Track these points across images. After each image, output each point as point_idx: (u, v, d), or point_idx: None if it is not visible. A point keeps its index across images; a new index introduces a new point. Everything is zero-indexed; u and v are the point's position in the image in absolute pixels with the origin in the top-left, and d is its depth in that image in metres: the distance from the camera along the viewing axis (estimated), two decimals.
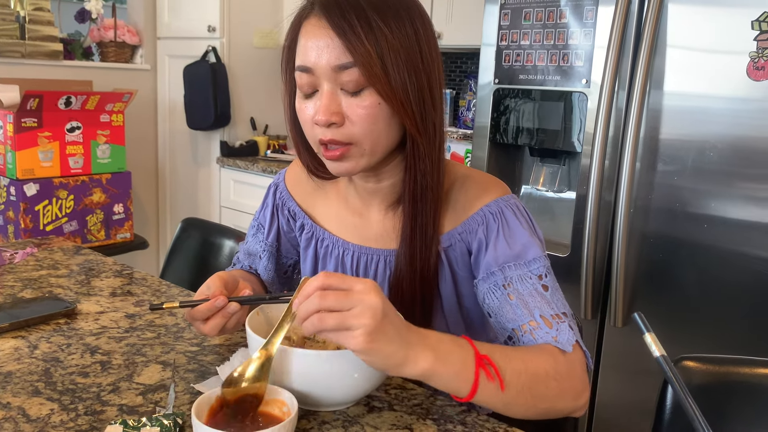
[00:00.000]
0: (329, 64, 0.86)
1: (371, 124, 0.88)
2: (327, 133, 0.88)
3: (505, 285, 0.93)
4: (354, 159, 0.90)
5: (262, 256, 1.15)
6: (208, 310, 0.89)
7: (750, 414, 1.02)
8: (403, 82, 0.86)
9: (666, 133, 1.65)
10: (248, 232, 1.19)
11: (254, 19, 3.26)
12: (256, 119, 3.35)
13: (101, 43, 3.34)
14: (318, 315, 0.72)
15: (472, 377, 0.78)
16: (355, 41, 0.84)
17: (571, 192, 1.95)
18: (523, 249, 0.94)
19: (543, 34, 1.84)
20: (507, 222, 0.95)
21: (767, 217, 1.52)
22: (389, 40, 0.85)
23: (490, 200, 0.97)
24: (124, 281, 1.34)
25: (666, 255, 1.67)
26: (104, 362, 0.96)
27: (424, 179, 0.94)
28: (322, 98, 0.87)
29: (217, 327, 0.90)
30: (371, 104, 0.87)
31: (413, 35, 0.88)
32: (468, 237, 0.97)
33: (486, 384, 0.79)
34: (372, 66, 0.84)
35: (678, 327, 1.67)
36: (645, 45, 1.63)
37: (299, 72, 0.89)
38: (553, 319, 0.90)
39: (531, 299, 0.91)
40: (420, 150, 0.92)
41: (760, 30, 1.48)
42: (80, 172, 2.78)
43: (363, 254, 1.04)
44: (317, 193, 1.11)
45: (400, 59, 0.86)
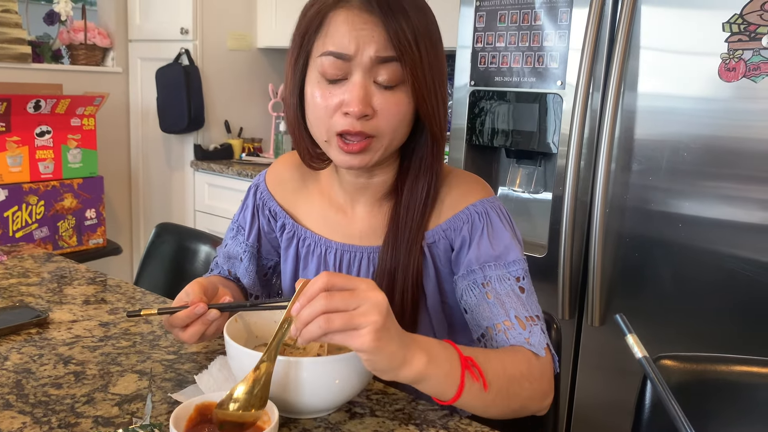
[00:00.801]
0: (372, 55, 0.85)
1: (399, 121, 0.89)
2: (356, 124, 0.87)
3: (484, 284, 0.95)
4: (371, 153, 0.90)
5: (243, 258, 1.13)
6: (188, 317, 0.87)
7: (727, 411, 1.04)
8: (434, 84, 0.89)
9: (640, 134, 1.67)
10: (227, 235, 1.18)
11: (227, 21, 3.23)
12: (230, 122, 3.32)
13: (71, 46, 3.28)
14: (324, 316, 0.70)
15: (459, 379, 0.80)
16: (402, 36, 0.85)
17: (547, 193, 1.97)
18: (504, 250, 0.96)
19: (518, 36, 1.85)
20: (491, 223, 0.97)
21: (739, 215, 1.54)
22: (427, 45, 0.88)
23: (476, 200, 0.99)
24: (97, 288, 1.31)
25: (641, 254, 1.69)
26: (78, 373, 0.94)
27: (436, 179, 0.97)
28: (354, 88, 0.86)
29: (196, 334, 0.88)
30: (401, 101, 0.88)
31: (440, 45, 0.92)
32: (452, 234, 0.99)
33: (471, 385, 0.81)
34: (416, 64, 0.86)
35: (654, 325, 1.69)
36: (619, 47, 1.65)
37: (330, 57, 0.87)
38: (527, 321, 0.92)
39: (507, 299, 0.93)
40: (437, 151, 0.95)
41: (731, 32, 1.50)
42: (51, 177, 2.72)
43: (346, 252, 1.04)
44: (299, 193, 1.10)
45: (433, 65, 0.89)
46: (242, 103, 3.38)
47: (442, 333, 1.04)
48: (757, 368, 1.06)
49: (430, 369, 0.77)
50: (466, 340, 1.07)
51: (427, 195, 0.97)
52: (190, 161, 3.20)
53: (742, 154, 1.53)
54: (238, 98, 3.36)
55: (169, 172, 3.38)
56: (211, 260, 1.62)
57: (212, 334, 0.91)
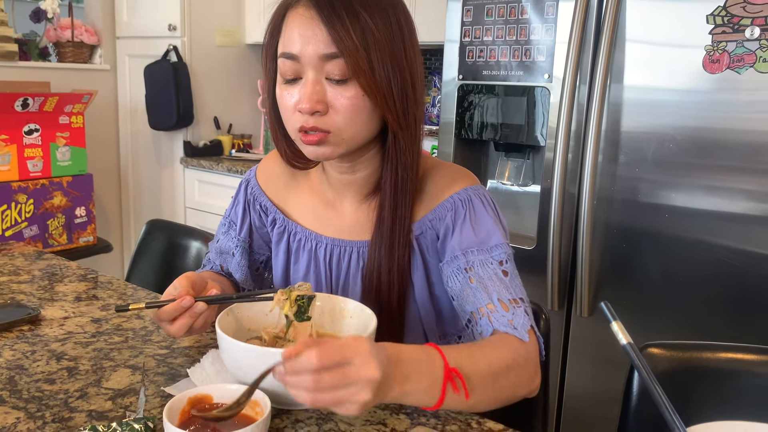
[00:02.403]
0: (316, 53, 0.88)
1: (354, 115, 0.90)
2: (309, 120, 0.89)
3: (467, 269, 0.96)
4: (332, 145, 0.92)
5: (235, 253, 1.14)
6: (175, 310, 0.88)
7: (713, 397, 1.05)
8: (387, 76, 0.89)
9: (627, 126, 1.69)
10: (218, 231, 1.18)
11: (216, 17, 3.22)
12: (219, 118, 3.31)
13: (58, 43, 3.26)
14: (312, 396, 0.70)
15: (440, 391, 0.80)
16: (342, 33, 0.86)
17: (535, 185, 1.98)
18: (486, 236, 0.97)
19: (505, 30, 1.86)
20: (474, 209, 0.98)
21: (725, 206, 1.56)
22: (375, 34, 0.88)
23: (460, 188, 1.00)
24: (88, 285, 1.31)
25: (629, 245, 1.71)
26: (71, 368, 0.94)
27: (405, 171, 0.96)
28: (306, 86, 0.89)
29: (184, 327, 0.89)
30: (355, 95, 0.89)
31: (398, 31, 0.91)
32: (437, 223, 1.00)
33: (452, 395, 0.81)
34: (358, 59, 0.87)
35: (642, 315, 1.71)
36: (605, 39, 1.66)
37: (283, 59, 0.90)
38: (510, 303, 0.93)
39: (490, 283, 0.94)
40: (401, 143, 0.95)
41: (715, 24, 1.52)
42: (40, 176, 2.71)
43: (336, 246, 1.05)
44: (290, 188, 1.11)
45: (384, 54, 0.89)
46: (231, 100, 3.37)
47: (430, 323, 1.06)
48: (742, 355, 1.08)
49: (407, 387, 0.77)
50: (454, 329, 1.08)
51: (400, 187, 0.97)
52: (179, 158, 3.20)
53: (727, 145, 1.55)
54: (227, 94, 3.35)
55: (158, 169, 3.37)
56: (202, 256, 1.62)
57: (200, 327, 0.92)
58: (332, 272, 1.07)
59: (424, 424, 0.83)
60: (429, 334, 1.07)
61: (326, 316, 0.98)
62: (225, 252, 1.16)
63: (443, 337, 1.09)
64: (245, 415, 0.77)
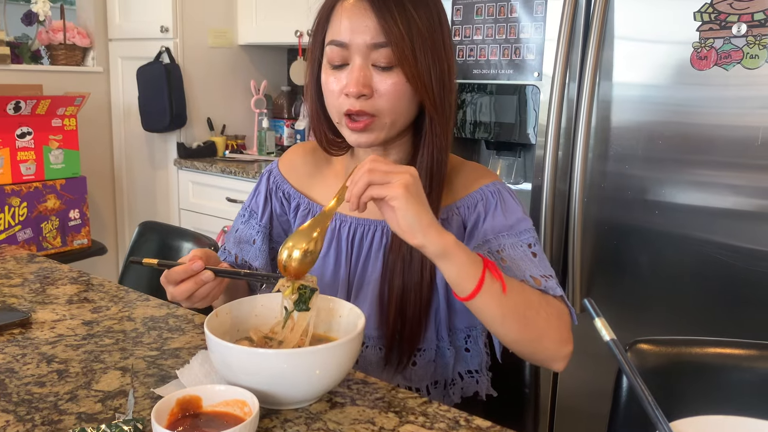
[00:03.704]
0: (365, 42, 0.95)
1: (397, 99, 0.97)
2: (356, 104, 0.96)
3: (499, 251, 1.01)
4: (376, 131, 0.99)
5: (257, 240, 1.17)
6: (184, 272, 0.93)
7: (701, 391, 1.06)
8: (428, 65, 0.96)
9: (616, 123, 1.69)
10: (236, 222, 1.21)
11: (208, 18, 3.22)
12: (213, 119, 3.31)
13: (50, 46, 3.26)
14: (368, 171, 0.83)
15: (480, 271, 0.88)
16: (391, 23, 0.94)
17: (527, 183, 1.99)
18: (516, 222, 1.03)
19: (495, 29, 1.87)
20: (504, 199, 1.05)
21: (714, 201, 1.57)
22: (419, 26, 0.95)
23: (489, 182, 1.06)
24: (80, 288, 1.32)
25: (620, 242, 1.72)
26: (61, 371, 0.95)
27: (440, 154, 1.02)
28: (353, 71, 0.96)
29: (186, 291, 0.93)
30: (399, 81, 0.96)
31: (438, 24, 0.98)
32: (466, 211, 1.05)
33: (491, 282, 0.88)
34: (404, 48, 0.94)
35: (633, 311, 1.71)
36: (594, 37, 1.67)
37: (333, 46, 0.97)
38: (542, 278, 0.99)
39: (522, 263, 1.00)
40: (437, 128, 1.00)
41: (702, 21, 1.53)
42: (33, 179, 2.71)
43: (359, 225, 1.09)
44: (313, 177, 1.16)
45: (426, 45, 0.96)
46: (224, 101, 3.37)
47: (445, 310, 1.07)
48: (730, 350, 1.09)
49: (454, 248, 0.86)
50: (464, 324, 1.09)
51: (436, 170, 1.02)
52: (173, 159, 3.20)
53: (716, 141, 1.56)
54: (221, 95, 3.36)
55: (152, 171, 3.37)
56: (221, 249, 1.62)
57: (202, 297, 0.96)
58: (353, 251, 1.10)
59: (413, 422, 0.84)
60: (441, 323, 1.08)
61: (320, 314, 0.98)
62: (244, 241, 1.18)
63: (452, 331, 1.10)
64: (233, 415, 0.78)
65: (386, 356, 1.06)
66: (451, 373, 1.11)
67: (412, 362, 1.07)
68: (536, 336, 0.94)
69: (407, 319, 1.03)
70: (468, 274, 0.87)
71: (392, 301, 1.04)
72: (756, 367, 1.06)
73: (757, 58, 1.47)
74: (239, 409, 0.78)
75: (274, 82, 3.50)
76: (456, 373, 1.11)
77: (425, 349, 1.08)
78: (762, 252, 1.52)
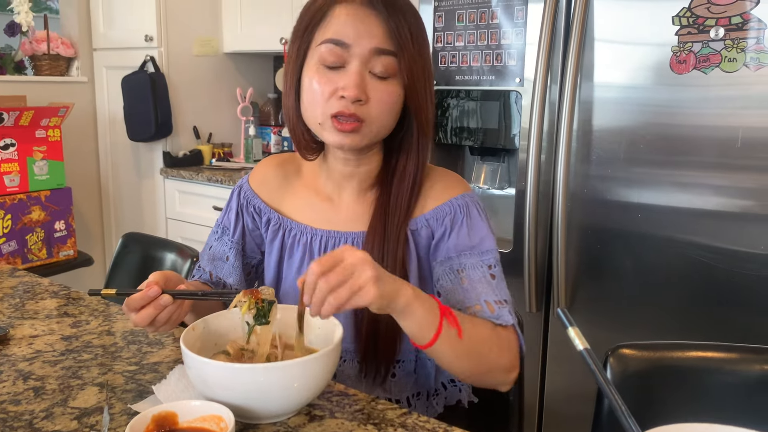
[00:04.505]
0: (372, 47, 0.93)
1: (388, 109, 0.97)
2: (350, 107, 0.94)
3: (459, 270, 1.02)
4: (360, 135, 0.97)
5: (230, 256, 1.15)
6: (141, 299, 0.91)
7: (684, 396, 1.06)
8: (424, 80, 0.97)
9: (598, 126, 1.70)
10: (209, 239, 1.20)
11: (192, 27, 3.21)
12: (199, 128, 3.30)
13: (34, 57, 3.24)
14: (333, 294, 0.80)
15: (438, 320, 0.89)
16: (404, 34, 0.94)
17: (511, 188, 1.99)
18: (480, 241, 1.03)
19: (476, 35, 1.87)
20: (470, 215, 1.04)
21: (696, 202, 1.58)
22: (421, 43, 0.96)
23: (458, 194, 1.06)
24: (60, 302, 1.31)
25: (604, 245, 1.72)
26: (37, 388, 0.94)
27: (422, 168, 1.03)
28: (352, 75, 0.93)
29: (148, 317, 0.91)
30: (393, 91, 0.96)
31: (427, 40, 1.00)
32: (435, 223, 1.05)
33: (448, 329, 0.90)
34: (411, 60, 0.94)
35: (618, 314, 1.72)
36: (574, 39, 1.67)
37: (330, 45, 0.94)
38: (496, 304, 1.00)
39: (479, 285, 1.00)
40: (424, 141, 1.02)
41: (681, 25, 1.54)
42: (17, 191, 2.69)
43: (331, 238, 1.08)
44: (284, 189, 1.14)
45: (425, 62, 0.97)
46: (210, 109, 3.36)
47: None
48: (712, 353, 1.09)
49: (414, 302, 0.87)
50: None
51: (413, 185, 1.03)
52: (159, 169, 3.18)
53: (697, 143, 1.56)
54: (206, 104, 3.34)
55: (138, 181, 3.36)
56: (178, 268, 1.62)
57: (164, 321, 0.93)
58: None
59: None
60: None
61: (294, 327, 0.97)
62: (218, 258, 1.17)
63: None
64: (209, 430, 0.77)
65: (364, 369, 1.06)
66: (434, 383, 1.11)
67: (391, 374, 1.07)
68: (486, 369, 0.98)
69: (381, 331, 1.03)
70: (427, 324, 0.89)
71: (366, 314, 1.04)
72: (738, 370, 1.06)
73: (735, 61, 1.47)
74: (215, 425, 0.78)
75: (260, 90, 3.49)
76: (439, 383, 1.11)
77: (404, 361, 1.08)
78: (744, 253, 1.53)
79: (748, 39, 1.45)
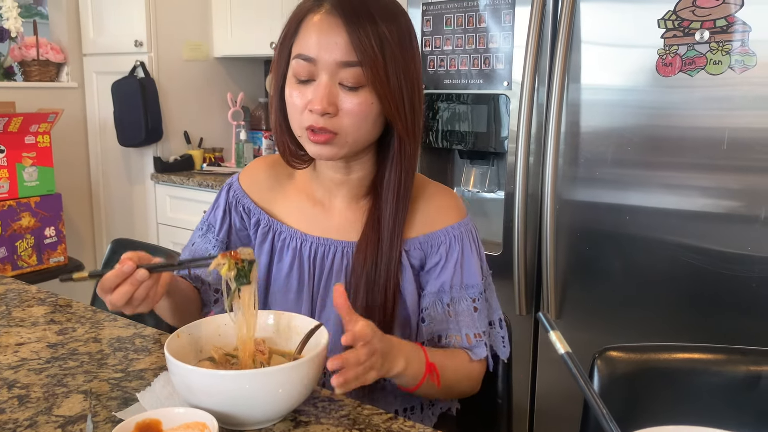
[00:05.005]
0: (335, 60, 0.93)
1: (361, 120, 0.95)
2: (319, 120, 0.94)
3: (449, 304, 1.06)
4: (337, 146, 0.97)
5: (212, 254, 1.13)
6: (116, 276, 0.89)
7: (670, 397, 1.07)
8: (400, 87, 0.95)
9: (586, 128, 1.71)
10: (194, 235, 1.18)
11: (182, 31, 3.21)
12: (190, 133, 3.30)
13: (23, 62, 3.23)
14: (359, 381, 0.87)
15: (420, 379, 0.99)
16: (366, 43, 0.92)
17: (501, 191, 1.99)
18: (468, 277, 1.07)
19: (464, 39, 1.87)
20: (464, 252, 1.06)
21: (683, 204, 1.58)
22: (392, 46, 0.94)
23: (455, 222, 1.07)
24: (47, 309, 1.30)
25: (592, 247, 1.73)
26: (22, 396, 0.93)
27: (407, 176, 1.02)
28: (319, 88, 0.93)
29: (125, 295, 0.89)
30: (365, 101, 0.94)
31: (409, 43, 0.97)
32: (429, 249, 1.06)
33: (428, 383, 1.00)
34: (378, 69, 0.92)
35: (607, 316, 1.72)
36: (561, 41, 1.68)
37: (300, 60, 0.95)
38: (475, 337, 1.07)
39: (462, 318, 1.06)
40: (407, 149, 1.00)
41: (666, 28, 1.54)
42: (6, 197, 2.68)
43: (321, 245, 1.08)
44: (275, 192, 1.13)
45: (399, 64, 0.94)
46: (201, 114, 3.36)
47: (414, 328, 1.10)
48: (699, 355, 1.09)
49: (405, 371, 0.95)
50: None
51: (397, 194, 1.02)
52: (150, 174, 3.18)
53: (684, 144, 1.57)
54: (197, 109, 3.34)
55: (129, 186, 3.35)
56: None
57: (142, 298, 0.91)
58: (315, 270, 1.08)
59: None
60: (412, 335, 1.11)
61: (280, 333, 0.97)
62: (199, 254, 1.15)
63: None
64: None
65: None
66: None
67: (381, 387, 1.07)
68: (455, 395, 1.11)
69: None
70: (411, 383, 0.99)
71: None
72: (724, 372, 1.07)
73: (720, 63, 1.48)
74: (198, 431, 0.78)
75: (251, 94, 3.49)
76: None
77: None
78: (731, 254, 1.54)
79: (733, 42, 1.46)
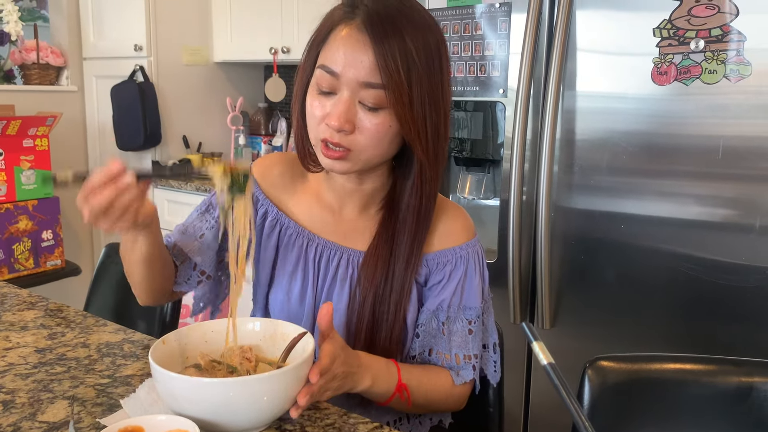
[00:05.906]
0: (358, 78, 0.90)
1: (377, 141, 0.93)
2: (335, 136, 0.92)
3: (444, 322, 1.06)
4: (350, 162, 0.95)
5: (206, 234, 1.08)
6: (102, 175, 0.83)
7: (660, 408, 1.06)
8: (424, 113, 0.92)
9: (581, 135, 1.70)
10: (191, 215, 1.12)
11: (182, 36, 3.22)
12: (188, 137, 3.30)
13: (23, 66, 3.24)
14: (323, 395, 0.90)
15: (390, 396, 1.00)
16: (391, 66, 0.88)
17: (496, 198, 1.99)
18: (468, 299, 1.06)
19: (461, 46, 1.87)
20: (467, 274, 1.06)
21: (679, 212, 1.58)
22: (420, 73, 0.90)
23: (462, 242, 1.07)
24: (37, 314, 1.30)
25: (587, 255, 1.72)
26: (6, 402, 0.93)
27: (428, 201, 1.01)
28: (339, 104, 0.91)
29: (105, 199, 0.83)
30: (383, 123, 0.92)
31: (439, 72, 0.93)
32: (434, 266, 1.06)
33: (397, 401, 1.02)
34: (401, 94, 0.89)
35: (602, 325, 1.71)
36: (557, 48, 1.67)
37: (324, 71, 0.92)
38: (465, 359, 1.07)
39: (455, 338, 1.06)
40: (427, 174, 0.98)
41: (661, 37, 1.54)
42: (4, 200, 2.68)
43: (327, 248, 1.07)
44: (286, 189, 1.12)
45: (425, 92, 0.91)
46: (200, 118, 3.36)
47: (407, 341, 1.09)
48: (690, 365, 1.09)
49: (370, 389, 0.96)
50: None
51: (423, 215, 1.02)
52: None
53: (679, 153, 1.57)
54: (196, 113, 3.34)
55: None
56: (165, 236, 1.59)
57: (122, 209, 0.84)
58: (320, 274, 1.07)
59: None
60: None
61: (268, 340, 0.97)
62: (190, 233, 1.09)
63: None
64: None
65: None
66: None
67: None
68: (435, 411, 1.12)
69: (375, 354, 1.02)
70: (379, 399, 1.00)
71: (360, 335, 1.04)
72: (716, 382, 1.06)
73: (716, 73, 1.48)
74: None
75: (250, 99, 3.50)
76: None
77: None
78: (726, 263, 1.53)
79: (728, 51, 1.46)
